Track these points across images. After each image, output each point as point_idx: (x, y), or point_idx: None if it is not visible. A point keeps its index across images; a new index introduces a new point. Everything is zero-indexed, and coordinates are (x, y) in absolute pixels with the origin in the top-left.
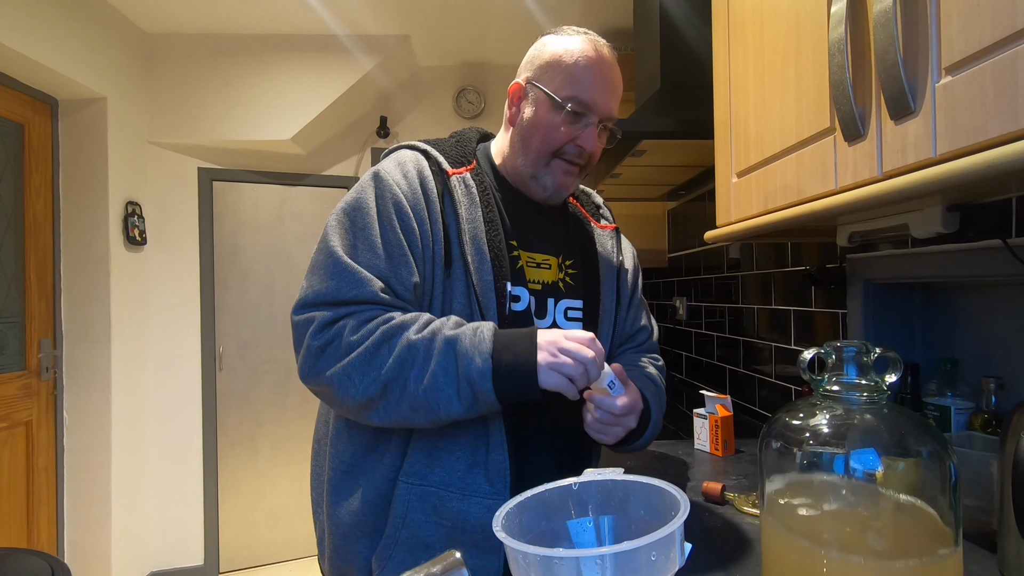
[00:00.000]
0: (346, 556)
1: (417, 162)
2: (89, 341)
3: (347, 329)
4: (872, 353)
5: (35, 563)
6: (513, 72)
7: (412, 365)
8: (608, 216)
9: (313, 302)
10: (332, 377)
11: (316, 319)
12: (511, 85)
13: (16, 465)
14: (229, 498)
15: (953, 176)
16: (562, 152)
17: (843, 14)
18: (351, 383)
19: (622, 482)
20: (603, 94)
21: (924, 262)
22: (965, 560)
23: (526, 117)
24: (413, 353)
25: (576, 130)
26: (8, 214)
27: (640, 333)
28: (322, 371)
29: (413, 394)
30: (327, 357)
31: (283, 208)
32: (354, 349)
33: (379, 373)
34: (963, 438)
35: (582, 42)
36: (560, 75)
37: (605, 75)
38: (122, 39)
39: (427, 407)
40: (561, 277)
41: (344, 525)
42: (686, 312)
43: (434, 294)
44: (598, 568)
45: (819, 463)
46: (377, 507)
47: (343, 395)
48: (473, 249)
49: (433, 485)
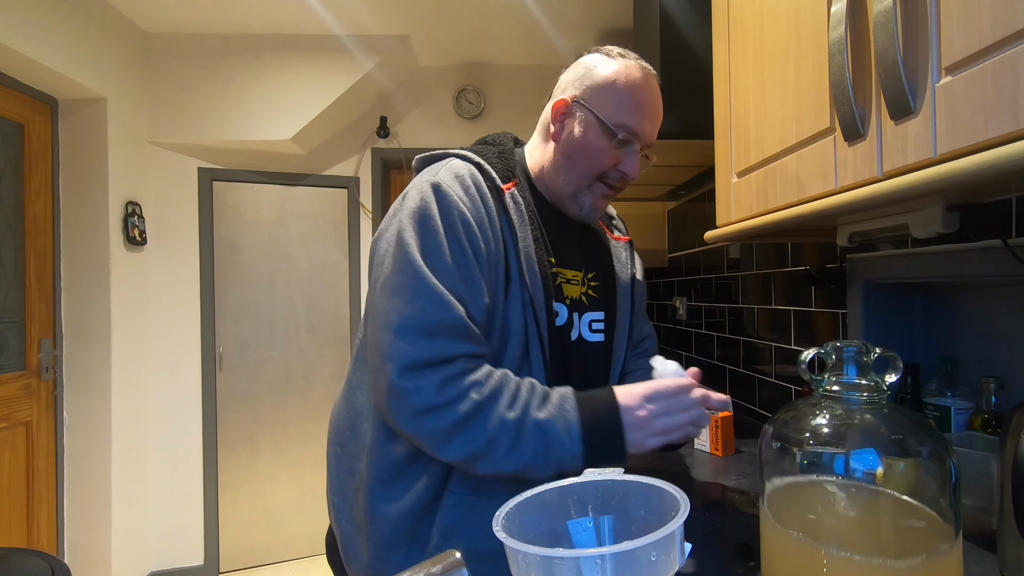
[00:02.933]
0: (381, 566)
1: (473, 176)
2: (89, 341)
3: (435, 384)
4: (872, 353)
5: (35, 563)
6: (513, 72)
7: (504, 443)
8: (622, 228)
9: (403, 328)
10: (416, 430)
11: (400, 357)
12: (556, 101)
13: (16, 465)
14: (229, 498)
15: (953, 176)
16: (605, 176)
17: (843, 14)
18: (438, 445)
19: (622, 482)
20: (652, 124)
21: (924, 262)
22: (965, 560)
23: (574, 137)
24: (504, 431)
25: (622, 156)
26: (8, 214)
27: (646, 340)
28: (403, 420)
29: (503, 467)
30: (413, 409)
31: (283, 208)
32: (442, 414)
33: (468, 444)
34: (963, 438)
35: (634, 69)
36: (613, 100)
37: (655, 104)
38: (122, 39)
39: (516, 476)
40: (584, 291)
41: (382, 535)
42: (686, 312)
43: (495, 313)
44: (598, 568)
45: (819, 463)
46: (420, 518)
47: (432, 450)
48: (527, 268)
49: (484, 495)
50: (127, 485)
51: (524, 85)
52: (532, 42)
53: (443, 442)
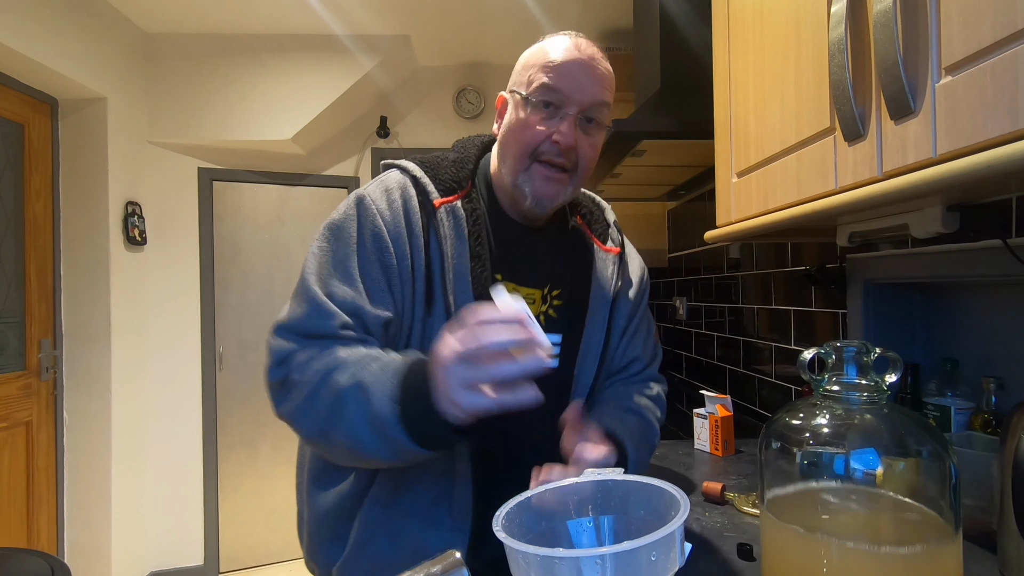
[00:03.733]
0: (314, 550)
1: (404, 190)
2: (89, 341)
3: (294, 367)
4: (872, 353)
5: (35, 563)
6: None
7: (340, 413)
8: (616, 237)
9: (284, 327)
10: (286, 415)
11: (276, 352)
12: (496, 100)
13: (16, 465)
14: (229, 498)
15: (953, 176)
16: (539, 153)
17: (843, 14)
18: (299, 425)
19: (622, 482)
20: (578, 80)
21: (924, 262)
22: (965, 560)
23: (505, 124)
24: (339, 401)
25: (552, 125)
26: (8, 214)
27: (633, 364)
28: (277, 408)
29: (345, 444)
30: (280, 394)
31: (283, 208)
32: (297, 390)
33: (316, 419)
34: (963, 438)
35: (560, 37)
36: (529, 71)
37: (580, 62)
38: (122, 39)
39: (361, 457)
40: (544, 310)
41: (313, 523)
42: (686, 312)
43: (412, 332)
44: (598, 568)
45: (819, 463)
46: (340, 519)
47: (299, 433)
48: (455, 287)
49: (397, 513)
50: (127, 485)
51: None
52: (532, 42)
53: (302, 418)
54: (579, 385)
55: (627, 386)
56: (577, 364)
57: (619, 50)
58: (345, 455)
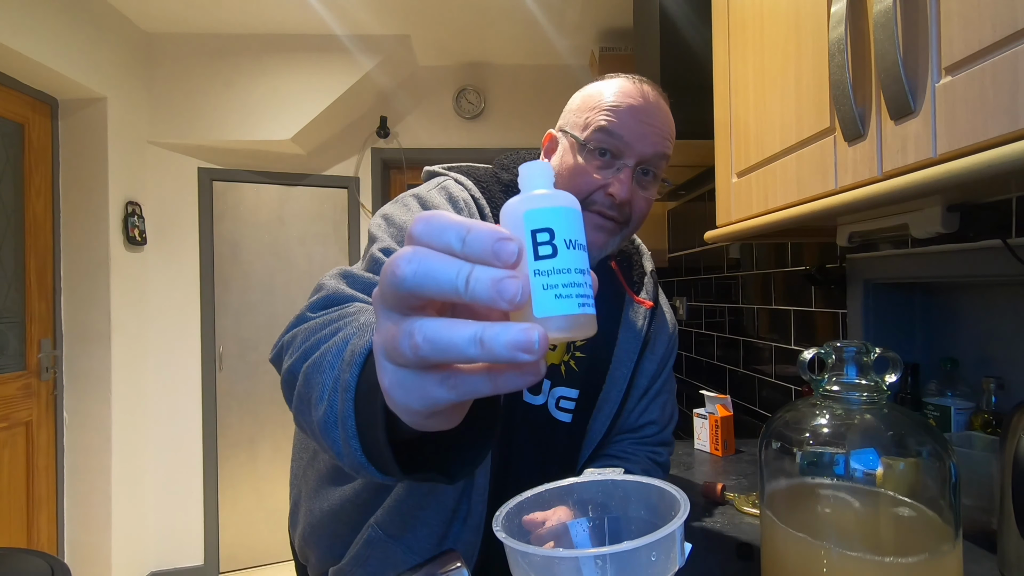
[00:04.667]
0: (306, 546)
1: (467, 207)
2: (89, 341)
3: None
4: (872, 353)
5: (35, 563)
6: (513, 72)
7: (300, 342)
8: (650, 289)
9: (346, 273)
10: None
11: (318, 290)
12: (544, 136)
13: (16, 465)
14: (229, 498)
15: (953, 176)
16: (590, 202)
17: (843, 14)
18: (284, 360)
19: (622, 482)
20: (638, 129)
21: (924, 262)
22: (965, 560)
23: (554, 167)
24: (320, 349)
25: (607, 175)
26: (8, 214)
27: (648, 427)
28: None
29: (307, 418)
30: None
31: (283, 208)
32: (307, 326)
33: (297, 360)
34: (963, 438)
35: (623, 80)
36: (587, 113)
37: (643, 110)
38: (122, 39)
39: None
40: (565, 359)
41: (314, 516)
42: (686, 312)
43: None
44: (598, 568)
45: (819, 463)
46: (345, 521)
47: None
48: None
49: (402, 545)
50: (127, 485)
51: (524, 85)
52: (532, 42)
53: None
54: (589, 439)
55: (635, 447)
56: (591, 420)
57: (619, 50)
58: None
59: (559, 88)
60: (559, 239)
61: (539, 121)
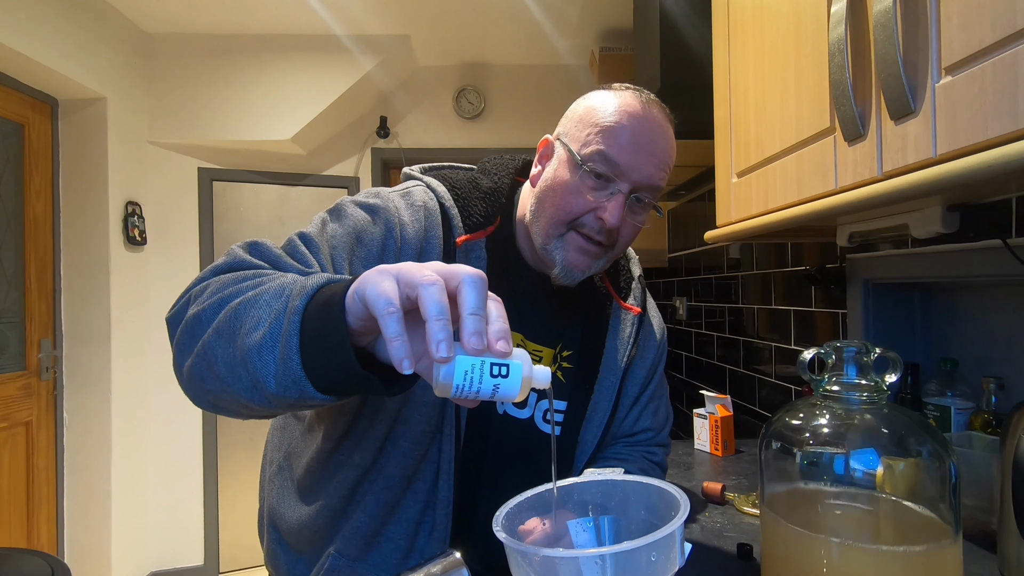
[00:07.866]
0: (273, 552)
1: (430, 216)
2: (89, 341)
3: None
4: (872, 353)
5: (35, 563)
6: (513, 72)
7: (228, 300)
8: (638, 295)
9: (252, 244)
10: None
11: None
12: (540, 141)
13: (16, 465)
14: (229, 498)
15: (953, 176)
16: (579, 224)
17: (843, 14)
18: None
19: (622, 482)
20: (638, 156)
21: (924, 262)
22: (965, 560)
23: (547, 177)
24: (237, 292)
25: (600, 198)
26: (8, 214)
27: (642, 434)
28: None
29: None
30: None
31: (283, 208)
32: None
33: (204, 305)
34: (963, 438)
35: (630, 97)
36: (588, 129)
37: (645, 134)
38: (122, 39)
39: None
40: (553, 371)
41: (283, 527)
42: (686, 312)
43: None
44: (598, 568)
45: (819, 463)
46: (311, 537)
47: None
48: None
49: (367, 565)
50: (127, 485)
51: (524, 85)
52: (532, 42)
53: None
54: (582, 449)
55: (630, 449)
56: (581, 431)
57: (619, 50)
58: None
59: (559, 88)
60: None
61: (539, 121)
